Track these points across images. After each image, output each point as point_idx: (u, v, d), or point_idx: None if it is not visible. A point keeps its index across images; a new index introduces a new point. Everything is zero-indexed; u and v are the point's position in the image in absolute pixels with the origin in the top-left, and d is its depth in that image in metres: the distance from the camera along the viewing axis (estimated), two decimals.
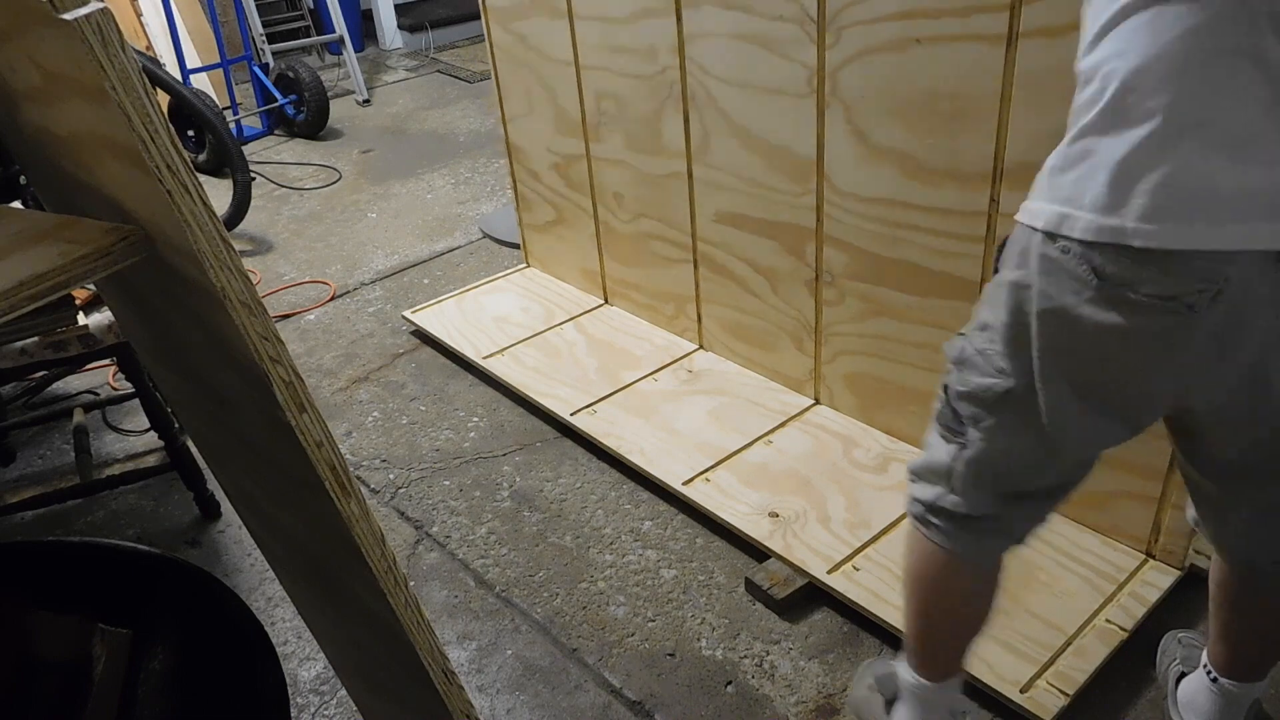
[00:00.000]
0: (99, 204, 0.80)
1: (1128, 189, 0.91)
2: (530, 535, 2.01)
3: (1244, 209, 0.88)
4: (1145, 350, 0.98)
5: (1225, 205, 0.89)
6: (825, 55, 1.81)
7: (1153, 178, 0.90)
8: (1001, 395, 1.09)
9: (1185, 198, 0.89)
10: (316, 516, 0.85)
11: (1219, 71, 0.87)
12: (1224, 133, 0.88)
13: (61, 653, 1.08)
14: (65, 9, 0.60)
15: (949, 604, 1.28)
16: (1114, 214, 0.92)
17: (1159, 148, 0.90)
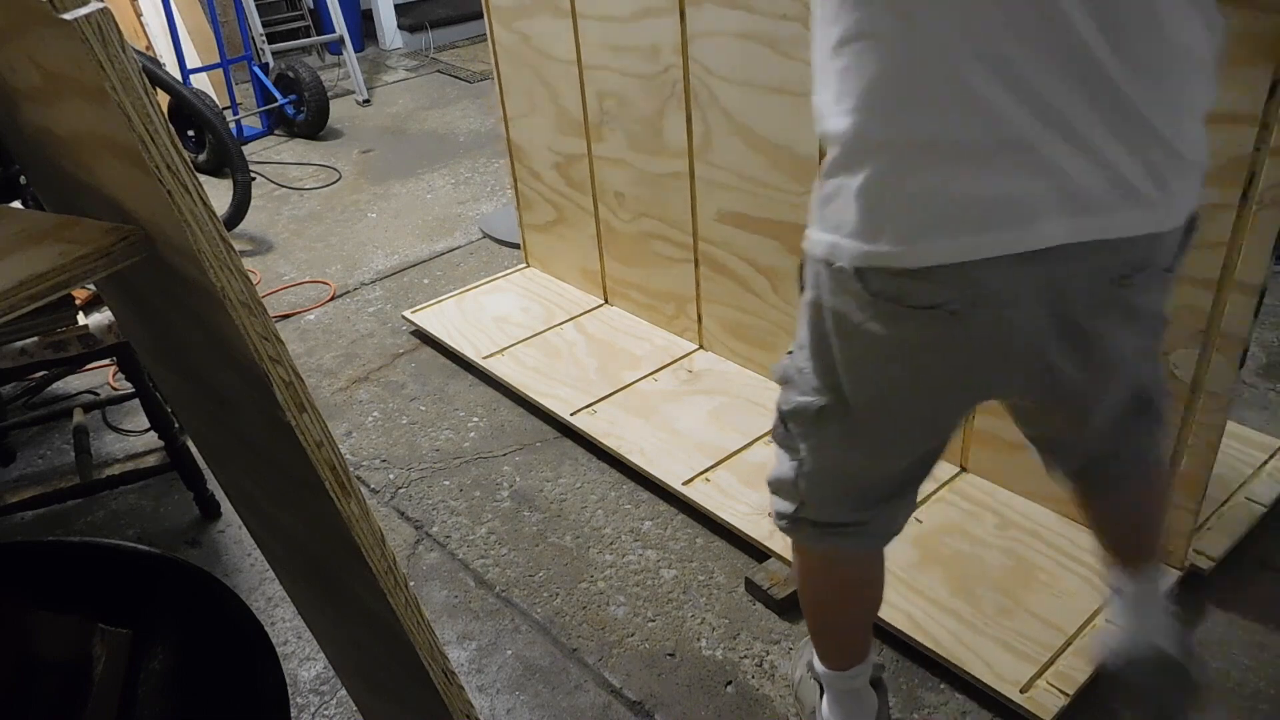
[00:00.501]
0: (99, 204, 0.80)
1: (878, 215, 0.96)
2: (530, 535, 2.01)
3: (985, 219, 0.92)
4: (929, 357, 1.04)
5: (967, 218, 0.93)
6: None
7: (897, 201, 0.95)
8: (819, 411, 1.14)
9: (928, 216, 0.94)
10: (316, 516, 0.85)
11: (946, 89, 0.91)
12: (957, 148, 0.92)
13: (61, 653, 1.08)
14: (65, 9, 0.60)
15: (837, 598, 1.33)
16: (871, 240, 0.97)
17: (897, 172, 0.94)
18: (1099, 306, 1.01)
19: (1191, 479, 1.63)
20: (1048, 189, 0.91)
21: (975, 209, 0.93)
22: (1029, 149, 0.90)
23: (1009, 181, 0.91)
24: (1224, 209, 1.42)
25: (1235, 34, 1.31)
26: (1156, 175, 0.93)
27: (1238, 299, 1.46)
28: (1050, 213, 0.92)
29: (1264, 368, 2.36)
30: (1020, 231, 0.93)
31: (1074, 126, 0.90)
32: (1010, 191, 0.92)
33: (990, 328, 0.99)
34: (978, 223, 0.93)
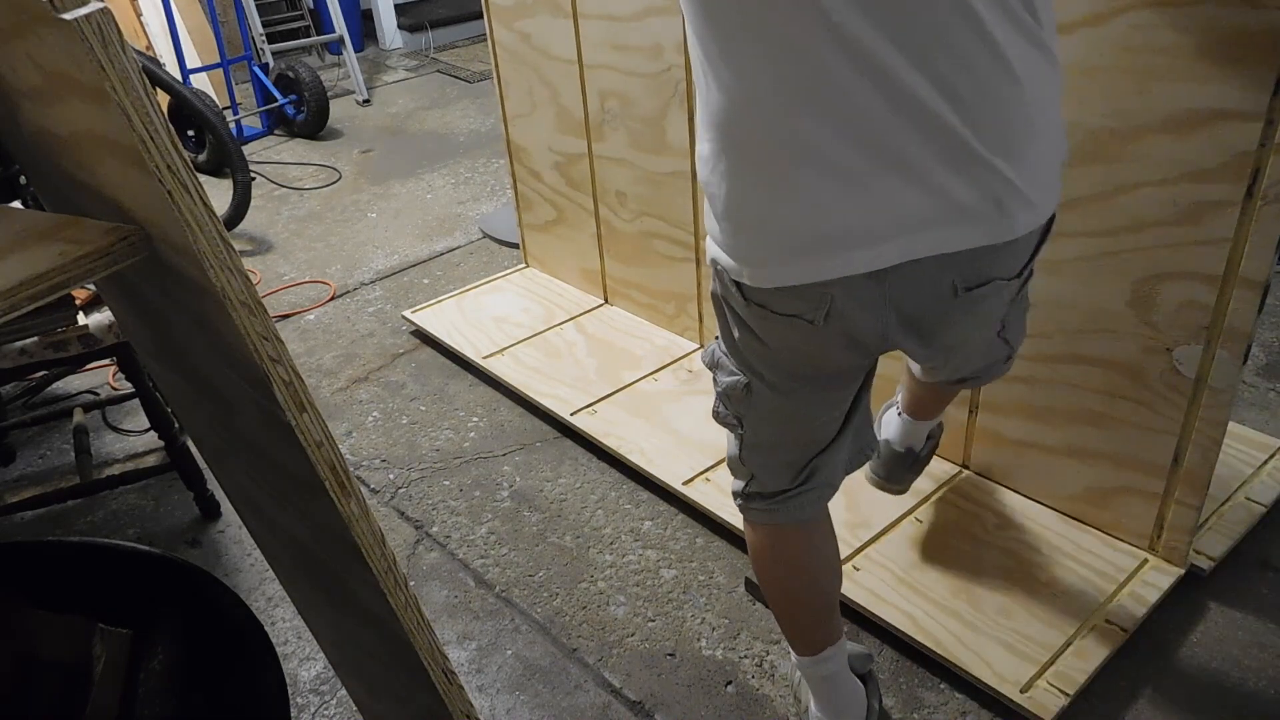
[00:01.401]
0: (99, 204, 0.80)
1: (737, 236, 1.10)
2: (530, 535, 2.01)
3: (828, 245, 1.04)
4: (803, 344, 1.18)
5: (813, 244, 1.05)
6: None
7: (748, 226, 1.08)
8: (745, 389, 1.27)
9: (778, 243, 1.07)
10: (316, 516, 0.85)
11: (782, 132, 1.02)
12: (798, 183, 1.02)
13: (61, 653, 1.08)
14: (65, 9, 0.60)
15: (792, 576, 1.41)
16: (735, 258, 1.11)
17: (746, 199, 1.07)
18: (938, 312, 1.12)
19: (1195, 475, 1.63)
20: (884, 216, 1.02)
21: (819, 236, 1.04)
22: (863, 184, 1.01)
23: (847, 212, 1.02)
24: (1229, 206, 1.42)
25: (1239, 32, 1.32)
26: (992, 198, 1.02)
27: (1242, 295, 1.46)
28: (888, 236, 1.03)
29: (1264, 368, 2.36)
30: (861, 254, 1.04)
31: (907, 161, 1.00)
32: (849, 221, 1.03)
33: (842, 328, 1.13)
34: (822, 248, 1.05)
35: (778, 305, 1.12)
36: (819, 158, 1.00)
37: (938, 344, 1.18)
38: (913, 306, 1.10)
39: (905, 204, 1.01)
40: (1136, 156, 1.49)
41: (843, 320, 1.11)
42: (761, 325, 1.17)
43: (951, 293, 1.10)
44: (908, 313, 1.11)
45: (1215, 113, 1.39)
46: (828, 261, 1.05)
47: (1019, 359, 1.77)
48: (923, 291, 1.09)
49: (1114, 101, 1.48)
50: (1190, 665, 1.62)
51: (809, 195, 1.02)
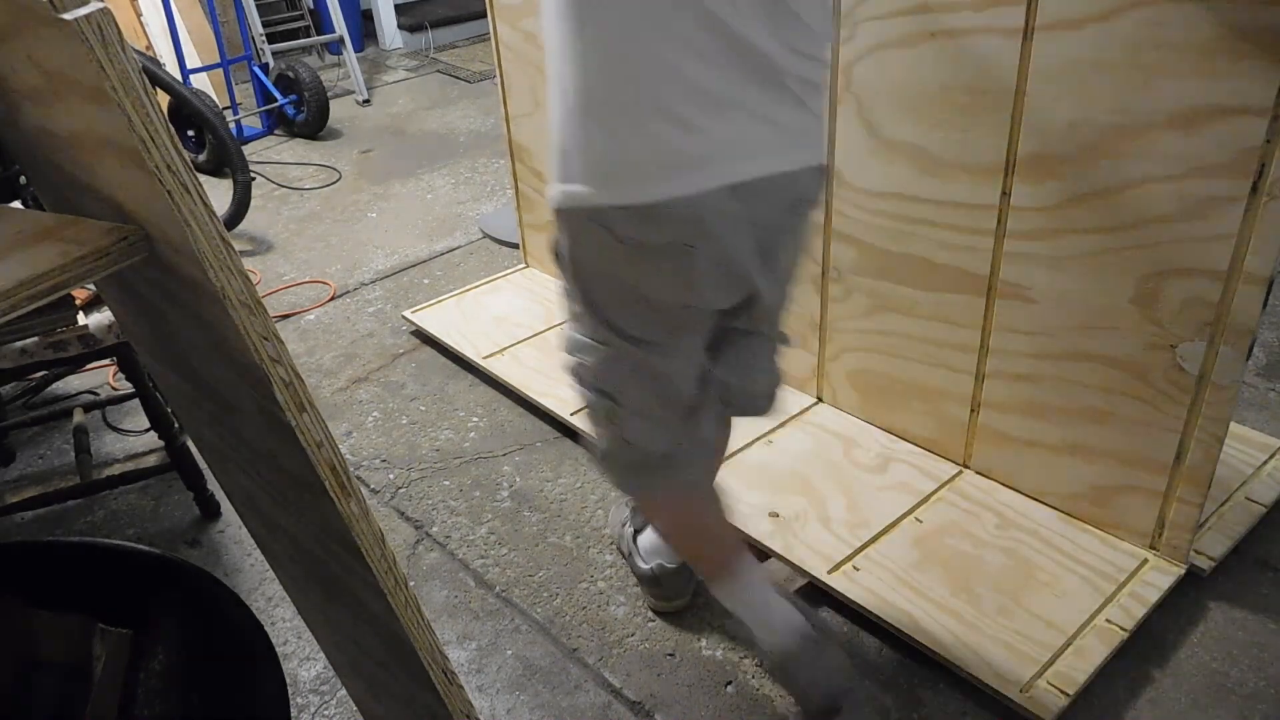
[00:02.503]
0: (99, 204, 0.80)
1: (611, 166, 1.15)
2: (530, 535, 2.01)
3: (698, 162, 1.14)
4: (678, 281, 1.23)
5: (686, 162, 1.13)
6: (840, 50, 1.81)
7: (626, 151, 1.15)
8: (608, 358, 1.31)
9: (654, 163, 1.14)
10: (316, 516, 0.85)
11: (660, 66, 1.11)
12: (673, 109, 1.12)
13: (61, 653, 1.08)
14: (65, 9, 0.60)
15: (694, 523, 1.51)
16: (616, 186, 1.16)
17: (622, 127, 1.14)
18: (783, 227, 1.27)
19: (1197, 472, 1.63)
20: (745, 138, 1.16)
21: (692, 154, 1.14)
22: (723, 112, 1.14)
23: (713, 134, 1.14)
24: (1234, 201, 1.42)
25: (1246, 28, 1.32)
26: (807, 130, 1.22)
27: (1246, 290, 1.46)
28: (751, 155, 1.17)
29: (1264, 368, 2.36)
30: (728, 168, 1.16)
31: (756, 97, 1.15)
32: (714, 141, 1.14)
33: (714, 258, 1.21)
34: (695, 164, 1.14)
35: (655, 234, 1.19)
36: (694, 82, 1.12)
37: (779, 270, 1.32)
38: (764, 222, 1.22)
39: (759, 131, 1.16)
40: (1142, 152, 1.49)
41: (715, 243, 1.19)
42: (635, 264, 1.22)
43: (791, 209, 1.26)
44: (760, 230, 1.23)
45: (1221, 108, 1.39)
46: (699, 175, 1.14)
47: (1022, 356, 1.78)
48: (772, 206, 1.22)
49: (1120, 97, 1.48)
50: (1190, 665, 1.62)
51: (682, 118, 1.13)
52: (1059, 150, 1.58)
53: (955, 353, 1.89)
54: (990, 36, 1.59)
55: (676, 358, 1.32)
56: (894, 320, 1.97)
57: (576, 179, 1.18)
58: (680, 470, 1.42)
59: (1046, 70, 1.54)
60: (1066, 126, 1.56)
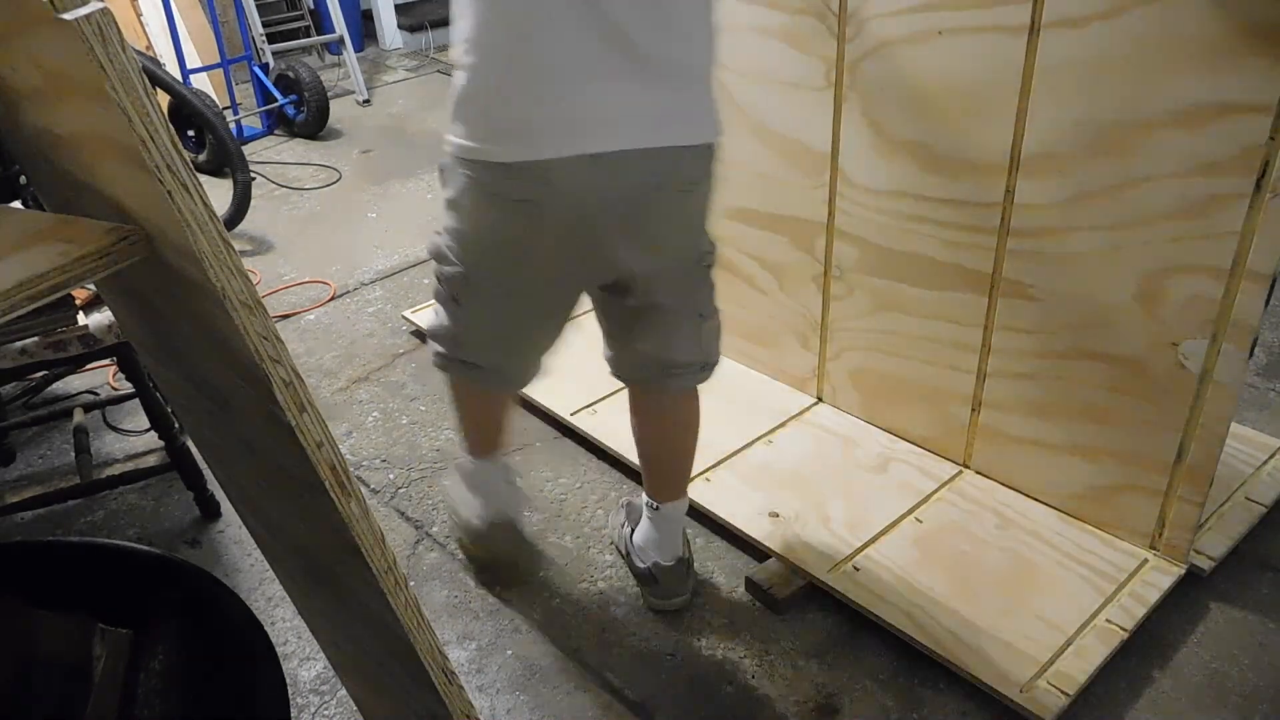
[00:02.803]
0: (99, 204, 0.80)
1: (483, 121, 1.30)
2: (530, 535, 2.01)
3: (555, 131, 1.27)
4: (526, 241, 1.39)
5: (547, 128, 1.27)
6: (845, 48, 1.81)
7: (492, 112, 1.30)
8: (464, 279, 1.48)
9: (515, 125, 1.28)
10: (316, 516, 0.85)
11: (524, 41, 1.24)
12: (535, 71, 1.25)
13: (61, 653, 1.08)
14: (65, 9, 0.60)
15: (475, 412, 1.72)
16: (478, 141, 1.31)
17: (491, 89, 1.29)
18: (644, 200, 1.36)
19: (1198, 471, 1.63)
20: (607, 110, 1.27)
21: (555, 120, 1.27)
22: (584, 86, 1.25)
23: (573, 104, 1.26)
24: (1237, 198, 1.42)
25: (1249, 25, 1.32)
26: (676, 110, 1.32)
27: (1249, 288, 1.46)
28: (611, 128, 1.28)
29: (1264, 368, 2.36)
30: (586, 139, 1.27)
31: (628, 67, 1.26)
32: (579, 110, 1.26)
33: (562, 218, 1.35)
34: (553, 132, 1.27)
35: (510, 189, 1.33)
36: (558, 55, 1.24)
37: (643, 238, 1.41)
38: (623, 191, 1.34)
39: (613, 107, 1.28)
40: (1146, 150, 1.49)
41: (565, 202, 1.33)
42: (494, 215, 1.38)
43: (654, 184, 1.35)
44: (618, 198, 1.34)
45: (1225, 106, 1.39)
46: (556, 143, 1.28)
47: (1024, 354, 1.78)
48: (630, 178, 1.33)
49: (1124, 95, 1.48)
50: (1190, 665, 1.62)
51: (544, 88, 1.26)
52: (1063, 148, 1.58)
53: (957, 351, 1.89)
54: (995, 34, 1.59)
55: (517, 307, 1.50)
56: (896, 319, 1.97)
57: (458, 126, 1.34)
58: (489, 381, 1.62)
59: (1051, 68, 1.54)
60: (1070, 124, 1.56)
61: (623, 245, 1.40)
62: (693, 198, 1.43)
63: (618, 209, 1.35)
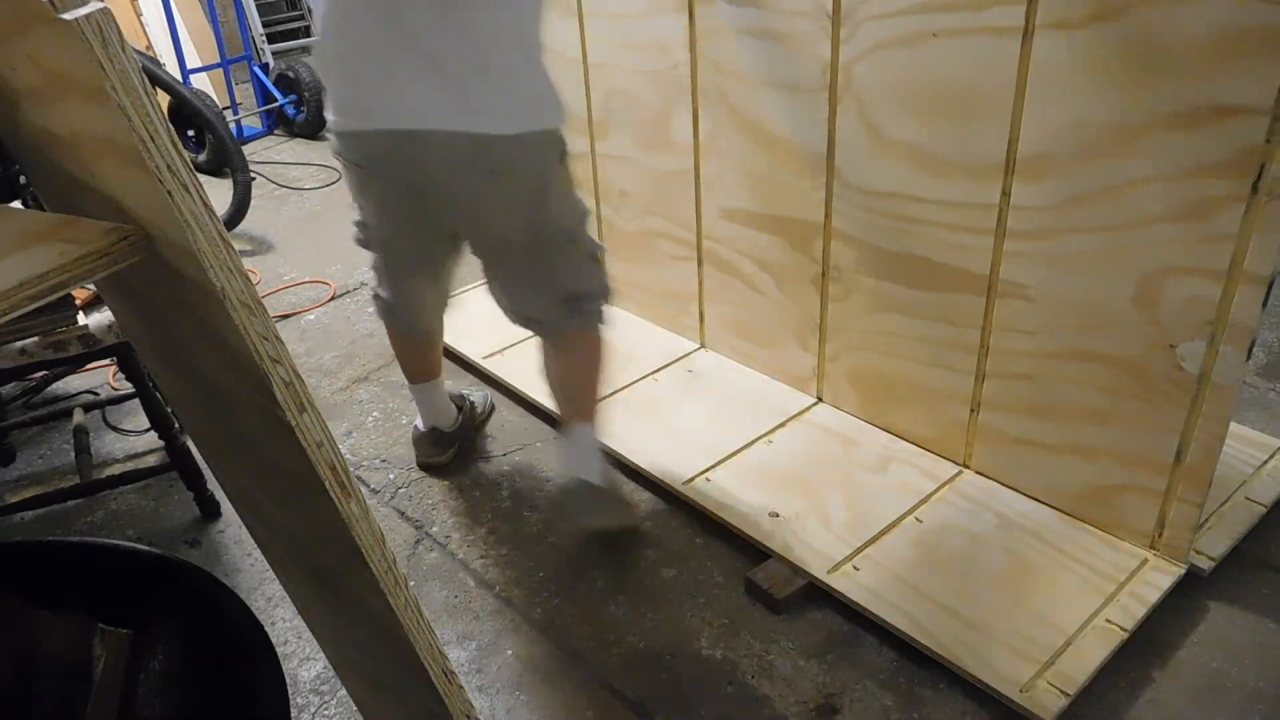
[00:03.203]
0: (99, 204, 0.80)
1: (332, 96, 1.69)
2: (530, 535, 2.01)
3: (370, 108, 1.62)
4: (367, 187, 1.76)
5: (365, 106, 1.63)
6: (840, 50, 1.81)
7: (337, 91, 1.68)
8: (360, 224, 1.88)
9: (348, 102, 1.66)
10: (316, 516, 0.85)
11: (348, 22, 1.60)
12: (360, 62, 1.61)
13: (61, 653, 1.08)
14: (65, 9, 0.60)
15: (398, 346, 2.12)
16: (333, 113, 1.69)
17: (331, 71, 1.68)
18: (450, 174, 1.64)
19: (1197, 472, 1.63)
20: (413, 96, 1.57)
21: (374, 100, 1.62)
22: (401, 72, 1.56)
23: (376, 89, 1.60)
24: (1234, 201, 1.42)
25: (1246, 28, 1.32)
26: (464, 103, 1.57)
27: (1246, 290, 1.46)
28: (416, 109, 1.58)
29: (1264, 368, 2.36)
30: (389, 117, 1.61)
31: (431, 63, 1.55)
32: (391, 93, 1.59)
33: (387, 177, 1.71)
34: (375, 108, 1.62)
35: (348, 153, 1.72)
36: (379, 51, 1.57)
37: (460, 208, 1.71)
38: (431, 164, 1.63)
39: (425, 91, 1.56)
40: (1142, 152, 1.49)
41: (385, 165, 1.68)
42: (346, 172, 1.79)
43: (460, 164, 1.62)
44: (430, 170, 1.64)
45: (1221, 108, 1.39)
46: (374, 119, 1.63)
47: (1022, 356, 1.78)
48: (436, 153, 1.62)
49: (1119, 97, 1.48)
50: (1190, 665, 1.62)
51: (377, 77, 1.59)
52: (1059, 150, 1.58)
53: (955, 352, 1.89)
54: (990, 36, 1.59)
55: (392, 246, 1.87)
56: (894, 320, 1.97)
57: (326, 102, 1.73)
58: (393, 318, 2.02)
59: (1047, 70, 1.54)
60: (1066, 126, 1.56)
61: (445, 210, 1.73)
62: (507, 181, 1.65)
63: (435, 178, 1.65)
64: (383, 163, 1.67)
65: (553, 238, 1.74)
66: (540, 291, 1.81)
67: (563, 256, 1.77)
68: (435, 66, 1.54)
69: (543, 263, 1.77)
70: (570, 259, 1.78)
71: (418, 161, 1.63)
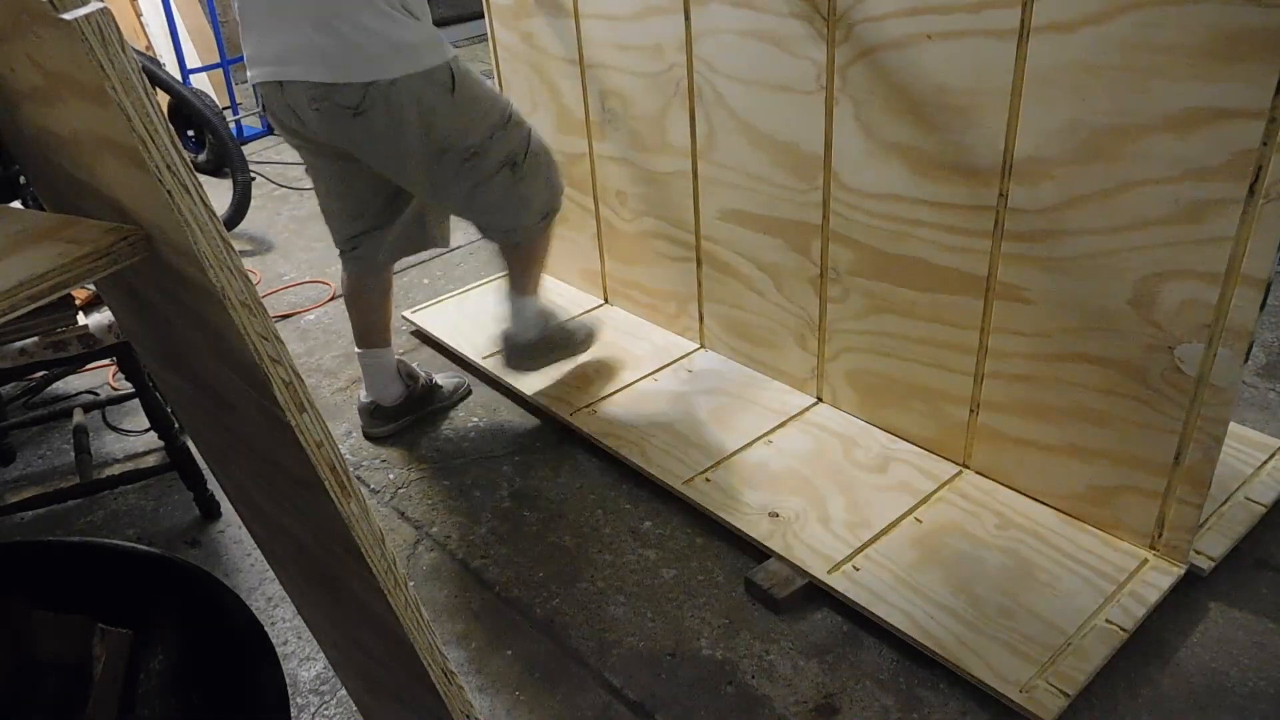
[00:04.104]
0: (99, 204, 0.80)
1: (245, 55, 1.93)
2: (530, 535, 2.01)
3: (260, 61, 1.87)
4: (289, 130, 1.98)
5: (256, 59, 1.88)
6: (835, 52, 1.81)
7: (246, 47, 1.91)
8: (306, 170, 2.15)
9: (249, 57, 1.90)
10: (316, 516, 0.85)
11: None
12: (245, 25, 1.88)
13: (61, 653, 1.08)
14: (65, 9, 0.60)
15: (357, 301, 2.27)
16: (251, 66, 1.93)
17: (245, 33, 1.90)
18: (317, 118, 1.87)
19: (1196, 473, 1.63)
20: (277, 50, 1.83)
21: (255, 56, 1.88)
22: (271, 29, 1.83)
23: (264, 44, 1.85)
24: (1230, 203, 1.42)
25: (1241, 30, 1.32)
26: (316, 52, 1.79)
27: (1244, 293, 1.46)
28: (279, 63, 1.83)
29: (1264, 368, 2.36)
30: (265, 70, 1.86)
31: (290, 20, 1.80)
32: (265, 49, 1.85)
33: (281, 121, 1.95)
34: (256, 63, 1.88)
35: (264, 101, 1.96)
36: (258, 12, 1.84)
37: (347, 143, 1.93)
38: (302, 111, 1.87)
39: (285, 44, 1.81)
40: (1138, 154, 1.49)
41: (276, 112, 1.93)
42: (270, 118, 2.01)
43: (314, 107, 1.85)
44: (304, 116, 1.88)
45: (1217, 111, 1.39)
46: (257, 71, 1.89)
47: (1021, 357, 1.78)
48: (300, 102, 1.85)
49: (1116, 100, 1.48)
50: (1190, 665, 1.62)
51: (254, 32, 1.86)
52: (1055, 152, 1.58)
53: (954, 353, 1.89)
54: (986, 38, 1.59)
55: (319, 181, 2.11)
56: (893, 321, 1.97)
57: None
58: (348, 263, 2.20)
59: (1042, 72, 1.54)
60: (1062, 129, 1.56)
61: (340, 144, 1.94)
62: (372, 119, 1.85)
63: (313, 120, 1.88)
64: (274, 108, 1.93)
65: (462, 157, 1.96)
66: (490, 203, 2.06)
67: (491, 173, 2.00)
68: (294, 27, 1.79)
69: (452, 185, 2.00)
70: (498, 183, 2.02)
71: (293, 106, 1.87)
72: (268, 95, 1.90)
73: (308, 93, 1.82)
